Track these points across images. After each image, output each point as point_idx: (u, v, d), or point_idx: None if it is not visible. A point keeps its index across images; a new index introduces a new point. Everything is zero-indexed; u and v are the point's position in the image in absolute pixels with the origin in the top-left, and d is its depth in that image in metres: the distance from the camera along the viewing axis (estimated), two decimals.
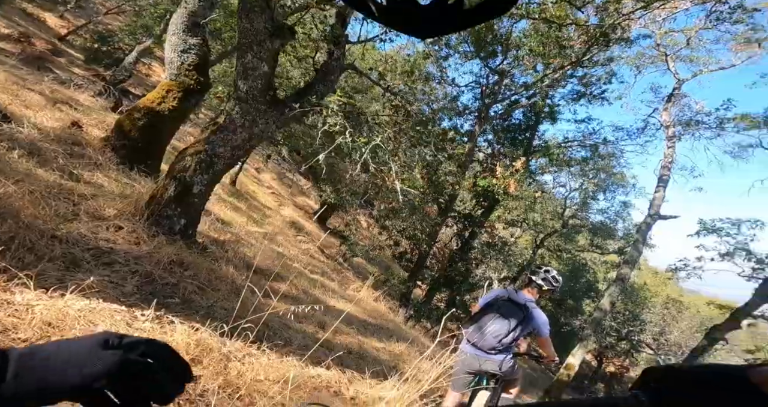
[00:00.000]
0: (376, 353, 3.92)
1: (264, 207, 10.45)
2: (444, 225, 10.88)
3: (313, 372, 2.99)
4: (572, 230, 17.66)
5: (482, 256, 10.75)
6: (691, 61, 13.70)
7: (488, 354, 2.64)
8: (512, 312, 2.60)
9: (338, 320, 4.35)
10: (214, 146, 3.68)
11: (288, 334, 3.31)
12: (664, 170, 11.86)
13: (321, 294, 5.16)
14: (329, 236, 12.42)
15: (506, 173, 10.85)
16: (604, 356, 16.29)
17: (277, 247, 6.69)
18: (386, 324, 5.70)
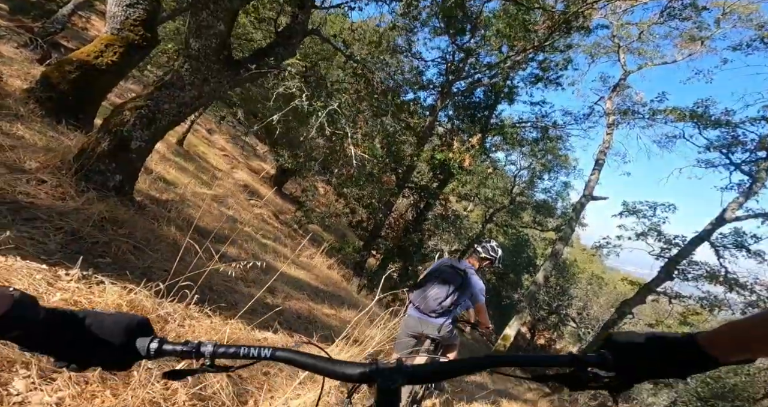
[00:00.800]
0: (326, 319, 3.93)
1: (214, 169, 9.84)
2: (401, 196, 10.95)
3: (260, 335, 2.94)
4: (518, 207, 18.51)
5: (435, 228, 11.05)
6: (640, 54, 14.40)
7: (429, 316, 2.73)
8: (452, 277, 2.71)
9: (289, 285, 4.29)
10: (158, 102, 3.49)
11: (234, 298, 3.20)
12: (601, 155, 12.70)
13: (272, 259, 5.03)
14: (285, 202, 12.08)
15: (463, 148, 11.04)
16: (536, 328, 17.74)
17: (227, 210, 6.36)
18: (338, 292, 5.73)
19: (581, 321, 17.65)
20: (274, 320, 3.21)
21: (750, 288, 10.04)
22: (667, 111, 12.39)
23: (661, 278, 10.65)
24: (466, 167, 11.02)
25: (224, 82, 3.67)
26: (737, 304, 10.38)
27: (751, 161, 11.23)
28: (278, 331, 3.03)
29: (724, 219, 10.67)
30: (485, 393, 4.03)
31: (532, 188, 18.92)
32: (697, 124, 12.02)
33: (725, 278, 10.37)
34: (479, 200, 18.09)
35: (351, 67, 7.49)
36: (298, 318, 3.55)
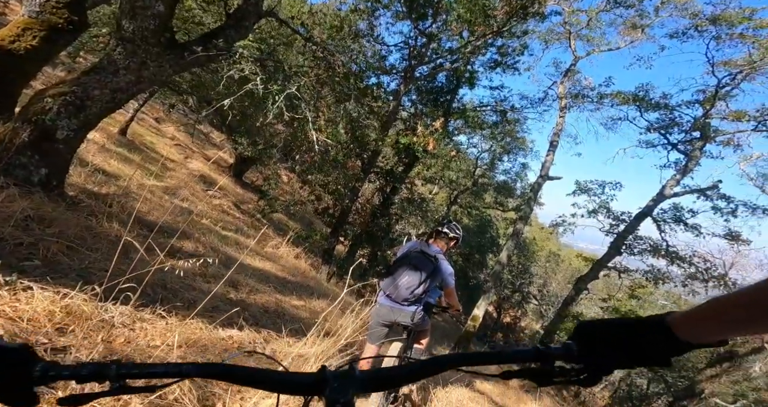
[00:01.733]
0: (296, 311, 3.73)
1: (165, 159, 9.11)
2: (366, 181, 10.76)
3: (224, 333, 2.70)
4: (481, 188, 18.96)
5: (402, 212, 11.00)
6: (588, 40, 14.89)
7: (401, 305, 2.66)
8: (423, 264, 2.63)
9: (254, 278, 4.02)
10: (86, 88, 3.17)
11: (192, 295, 2.92)
12: (555, 137, 13.15)
13: (234, 251, 4.72)
14: (246, 191, 11.52)
15: (426, 132, 10.99)
16: (502, 307, 18.43)
17: (181, 202, 5.89)
18: (307, 282, 5.51)
19: (542, 298, 18.58)
20: (239, 316, 2.97)
21: (689, 261, 10.89)
22: (613, 95, 12.99)
23: (611, 253, 11.31)
24: (431, 151, 11.01)
25: (166, 66, 3.41)
26: (678, 276, 11.26)
27: (686, 141, 12.07)
28: (244, 328, 2.81)
29: (664, 195, 11.45)
30: (460, 375, 4.07)
31: (493, 169, 19.43)
32: (639, 107, 12.69)
33: (666, 252, 11.19)
34: (444, 182, 18.29)
35: (311, 51, 7.10)
36: (265, 312, 3.33)
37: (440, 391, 3.22)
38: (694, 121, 11.69)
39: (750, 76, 10.75)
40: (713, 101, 11.03)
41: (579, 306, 13.29)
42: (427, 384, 3.30)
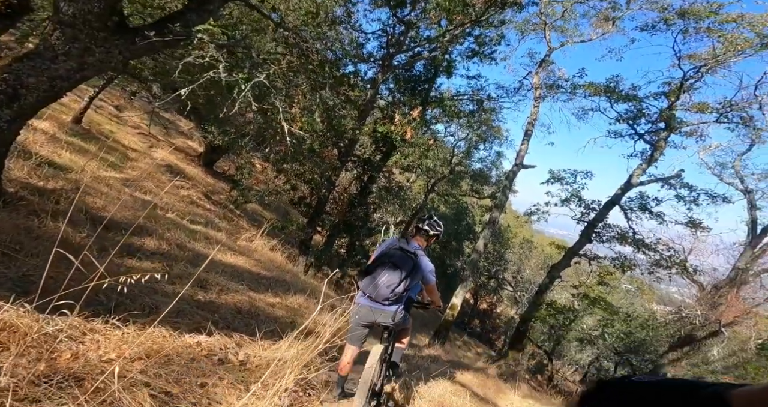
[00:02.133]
0: (271, 310, 3.53)
1: (126, 149, 8.50)
2: (344, 170, 10.50)
3: (191, 340, 2.48)
4: (457, 176, 19.04)
5: (380, 200, 10.83)
6: (563, 32, 14.97)
7: (382, 305, 2.55)
8: (403, 261, 2.53)
9: (225, 275, 3.77)
10: (19, 76, 2.84)
11: (153, 300, 2.66)
12: (529, 126, 13.28)
13: (203, 247, 4.42)
14: (217, 181, 11.01)
15: (404, 120, 10.83)
16: (478, 294, 18.75)
17: (143, 195, 5.47)
18: (283, 276, 5.29)
19: (516, 284, 19.04)
20: (208, 320, 2.75)
21: (653, 248, 11.34)
22: (585, 86, 13.18)
23: (582, 241, 11.62)
24: (408, 139, 10.87)
25: (115, 52, 3.10)
26: (644, 263, 11.71)
27: (652, 132, 12.44)
28: (213, 333, 2.59)
29: (631, 184, 11.82)
30: (442, 368, 4.01)
31: (470, 158, 19.52)
32: (609, 98, 12.93)
33: (633, 239, 11.60)
34: (421, 171, 18.21)
35: (282, 37, 6.70)
36: (238, 313, 3.11)
37: (423, 387, 3.14)
38: (660, 112, 12.04)
39: (713, 69, 11.10)
40: (678, 93, 11.36)
41: (551, 293, 13.69)
42: (410, 380, 3.22)
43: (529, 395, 5.62)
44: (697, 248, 13.49)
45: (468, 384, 4.08)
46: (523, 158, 12.63)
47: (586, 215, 12.51)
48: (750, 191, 12.36)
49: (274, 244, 6.82)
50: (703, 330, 10.54)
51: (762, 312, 11.42)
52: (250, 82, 3.67)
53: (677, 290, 17.04)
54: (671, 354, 10.85)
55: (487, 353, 14.26)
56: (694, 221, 11.49)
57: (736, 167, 12.74)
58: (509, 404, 4.22)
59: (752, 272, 11.28)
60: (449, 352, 6.94)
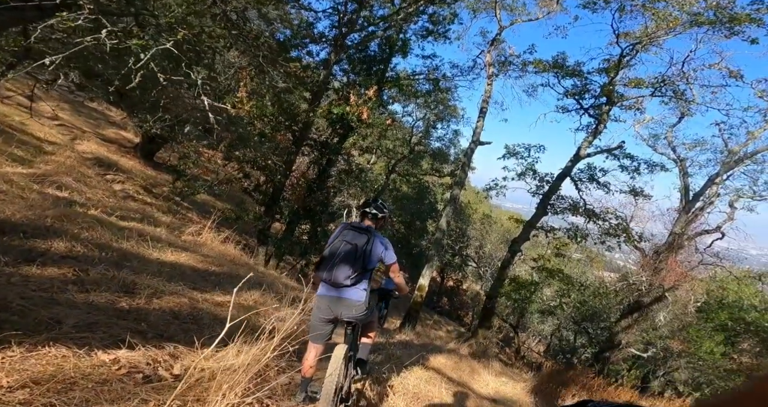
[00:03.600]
0: (219, 310, 3.03)
1: (42, 142, 7.29)
2: (300, 154, 9.83)
3: (105, 357, 1.95)
4: (417, 155, 18.93)
5: (340, 183, 10.32)
6: (512, 10, 14.90)
7: (342, 289, 2.30)
8: (357, 237, 2.34)
9: (161, 276, 3.20)
10: None
11: (54, 313, 2.09)
12: (484, 104, 13.26)
13: (134, 246, 3.77)
14: (159, 173, 9.94)
15: (360, 101, 10.32)
16: (444, 272, 18.84)
17: (58, 192, 4.62)
18: (237, 270, 4.74)
19: (479, 259, 19.38)
20: (132, 331, 2.23)
21: (602, 217, 11.82)
22: (534, 63, 13.30)
23: (539, 214, 11.87)
24: (365, 120, 10.39)
25: None
26: (596, 233, 12.19)
27: (596, 106, 12.86)
28: (138, 345, 2.08)
29: (579, 156, 12.21)
30: (415, 355, 3.76)
31: (428, 137, 19.43)
32: (556, 74, 13.14)
33: (584, 210, 12.03)
34: (381, 152, 17.83)
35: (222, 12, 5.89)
36: (175, 318, 2.59)
37: (396, 379, 2.85)
38: (602, 87, 12.41)
39: (647, 47, 11.50)
40: (617, 69, 11.76)
41: (513, 268, 14.01)
42: (382, 374, 2.90)
43: (502, 372, 5.60)
44: (636, 215, 14.38)
45: (442, 368, 3.88)
46: (479, 135, 12.61)
47: (541, 187, 12.81)
48: (682, 160, 13.24)
49: (227, 235, 6.17)
50: (648, 295, 11.16)
51: (697, 275, 12.37)
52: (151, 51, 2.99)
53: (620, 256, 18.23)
54: (623, 322, 11.45)
55: (457, 330, 14.50)
56: (636, 189, 12.11)
57: (668, 138, 13.58)
58: (484, 385, 4.08)
59: (687, 236, 12.14)
60: (421, 335, 6.78)
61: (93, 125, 11.07)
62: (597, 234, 11.90)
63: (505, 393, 3.97)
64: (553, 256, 13.56)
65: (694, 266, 12.27)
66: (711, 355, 9.73)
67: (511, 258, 11.45)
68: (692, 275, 11.70)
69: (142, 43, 3.08)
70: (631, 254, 16.61)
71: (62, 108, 10.78)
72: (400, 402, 2.56)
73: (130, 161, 9.62)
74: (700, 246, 12.74)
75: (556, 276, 11.94)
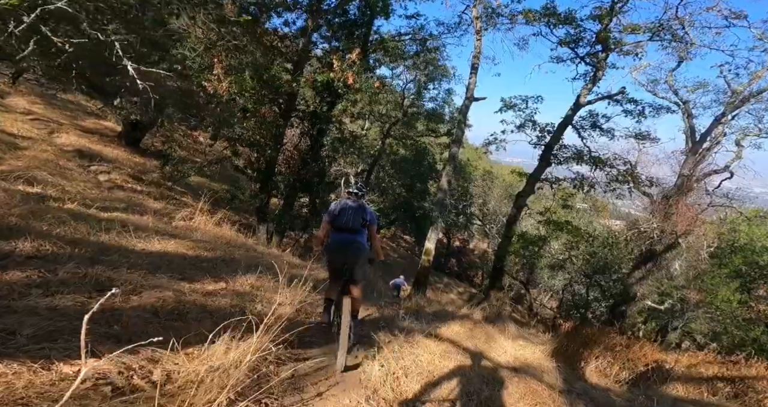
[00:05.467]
0: (208, 301, 2.74)
1: (15, 138, 6.79)
2: (289, 126, 9.26)
3: (67, 369, 1.66)
4: (412, 118, 18.19)
5: (334, 152, 9.81)
6: None
7: (353, 232, 3.01)
8: (356, 204, 3.09)
9: (142, 268, 2.88)
10: None
11: (7, 323, 1.78)
12: (475, 59, 12.38)
13: (115, 239, 3.44)
14: (147, 159, 9.47)
15: (343, 65, 9.57)
16: (450, 233, 18.43)
17: (29, 187, 4.23)
18: (233, 253, 4.43)
19: (483, 216, 19.02)
20: (102, 335, 1.93)
21: (610, 164, 11.27)
22: (524, 13, 12.28)
23: (542, 165, 11.34)
24: (352, 85, 9.71)
25: None
26: (602, 180, 11.67)
27: (591, 54, 11.97)
28: (104, 353, 1.78)
29: (579, 104, 11.53)
30: (426, 329, 3.52)
31: (421, 98, 18.56)
32: (548, 23, 12.15)
33: (590, 157, 11.47)
34: (374, 117, 17.07)
35: None
36: (155, 315, 2.29)
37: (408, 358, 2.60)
38: (597, 34, 11.53)
39: None
40: (610, 16, 10.89)
41: (521, 223, 13.45)
42: (390, 353, 2.64)
43: (518, 335, 5.43)
44: (641, 160, 13.81)
45: (456, 338, 3.65)
46: (473, 91, 11.87)
47: (542, 138, 12.24)
48: (685, 102, 12.48)
49: (220, 218, 5.83)
50: (660, 243, 10.74)
51: (707, 219, 11.94)
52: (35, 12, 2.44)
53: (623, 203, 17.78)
54: (637, 273, 11.12)
55: (468, 291, 14.44)
56: (643, 133, 11.50)
57: (669, 82, 12.76)
58: (502, 352, 3.87)
59: (695, 177, 11.67)
60: (432, 302, 6.58)
61: (70, 117, 10.44)
62: (604, 182, 11.46)
63: (525, 359, 3.77)
64: (560, 208, 13.13)
65: (704, 208, 11.89)
66: (728, 304, 9.39)
67: (518, 214, 11.05)
68: (702, 218, 11.31)
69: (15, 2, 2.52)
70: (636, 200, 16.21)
71: (34, 102, 10.11)
72: (415, 384, 2.31)
73: (115, 151, 9.12)
74: (708, 188, 12.32)
75: (565, 228, 11.58)
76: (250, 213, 9.48)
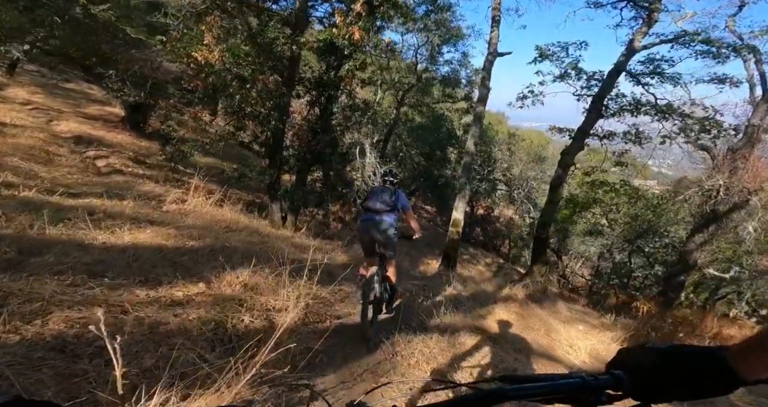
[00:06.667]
0: (169, 317, 1.85)
1: (4, 127, 6.06)
2: (294, 96, 8.14)
3: None
4: (426, 83, 16.53)
5: (347, 121, 8.67)
6: None
7: (379, 214, 3.06)
8: (387, 188, 3.22)
9: (76, 273, 2.02)
10: None
11: None
12: (495, 11, 10.50)
13: (68, 231, 2.60)
14: (152, 142, 8.69)
15: (347, 20, 8.17)
16: (474, 201, 16.98)
17: None
18: (228, 239, 3.56)
19: (508, 181, 17.42)
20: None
21: (680, 112, 9.37)
22: None
23: (592, 117, 9.57)
24: (359, 42, 8.34)
25: None
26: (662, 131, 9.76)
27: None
28: None
29: (634, 49, 9.58)
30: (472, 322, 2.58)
31: (435, 63, 16.71)
32: None
33: (655, 107, 9.61)
34: (386, 85, 15.56)
35: None
36: (60, 352, 1.42)
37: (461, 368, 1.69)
38: None
39: None
40: None
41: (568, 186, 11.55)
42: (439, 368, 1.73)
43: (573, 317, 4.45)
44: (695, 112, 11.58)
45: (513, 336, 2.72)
46: (495, 45, 10.13)
47: (590, 88, 10.42)
48: (753, 47, 10.16)
49: (221, 197, 4.98)
50: (724, 203, 8.87)
51: None
52: None
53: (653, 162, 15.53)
54: (697, 237, 9.34)
55: (496, 262, 13.27)
56: (721, 76, 9.44)
57: (730, 27, 10.36)
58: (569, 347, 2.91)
59: (765, 126, 9.67)
60: (467, 281, 5.51)
61: (73, 105, 9.71)
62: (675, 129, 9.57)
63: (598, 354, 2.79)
64: (612, 165, 11.19)
65: None
66: None
67: (564, 174, 9.32)
68: None
69: None
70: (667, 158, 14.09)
71: (35, 92, 9.40)
72: None
73: (119, 135, 8.37)
74: None
75: (623, 189, 9.76)
76: (263, 192, 8.66)
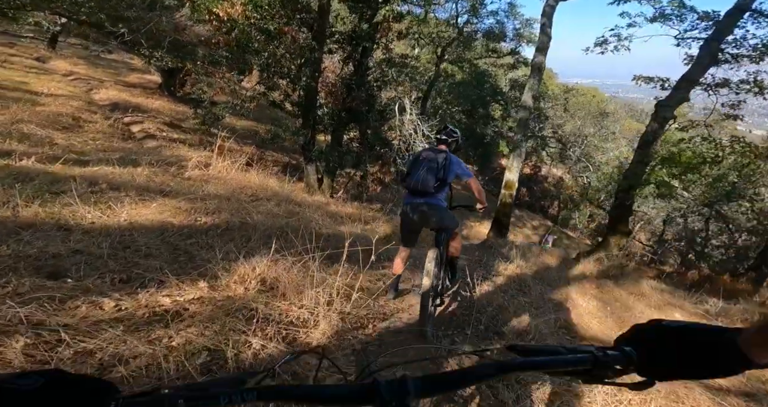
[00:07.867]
0: (140, 347, 1.21)
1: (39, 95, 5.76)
2: (326, 51, 7.11)
3: None
4: (468, 37, 14.41)
5: (383, 76, 7.55)
6: None
7: (426, 196, 2.28)
8: (435, 155, 2.33)
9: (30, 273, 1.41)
10: None
11: None
12: None
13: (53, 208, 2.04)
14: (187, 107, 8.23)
15: None
16: None
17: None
18: (250, 211, 2.91)
19: (560, 138, 15.40)
20: None
21: None
22: None
23: (704, 64, 7.40)
24: None
25: None
26: None
27: None
28: None
29: None
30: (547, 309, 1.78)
31: (477, 15, 14.35)
32: None
33: None
34: (423, 41, 13.71)
35: None
36: None
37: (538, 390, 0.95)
38: None
39: None
40: None
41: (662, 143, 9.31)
42: None
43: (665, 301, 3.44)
44: None
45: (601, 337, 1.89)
46: None
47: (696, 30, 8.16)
48: None
49: (246, 162, 4.35)
50: None
51: None
52: None
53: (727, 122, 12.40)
54: None
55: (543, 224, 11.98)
56: None
57: None
58: None
59: None
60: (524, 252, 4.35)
61: (114, 75, 9.42)
62: None
63: None
64: (721, 119, 8.95)
65: None
66: None
67: (660, 129, 7.42)
68: None
69: None
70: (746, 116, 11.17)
71: (77, 64, 9.19)
72: None
73: (156, 101, 7.97)
74: None
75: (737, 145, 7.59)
76: (299, 153, 8.02)
